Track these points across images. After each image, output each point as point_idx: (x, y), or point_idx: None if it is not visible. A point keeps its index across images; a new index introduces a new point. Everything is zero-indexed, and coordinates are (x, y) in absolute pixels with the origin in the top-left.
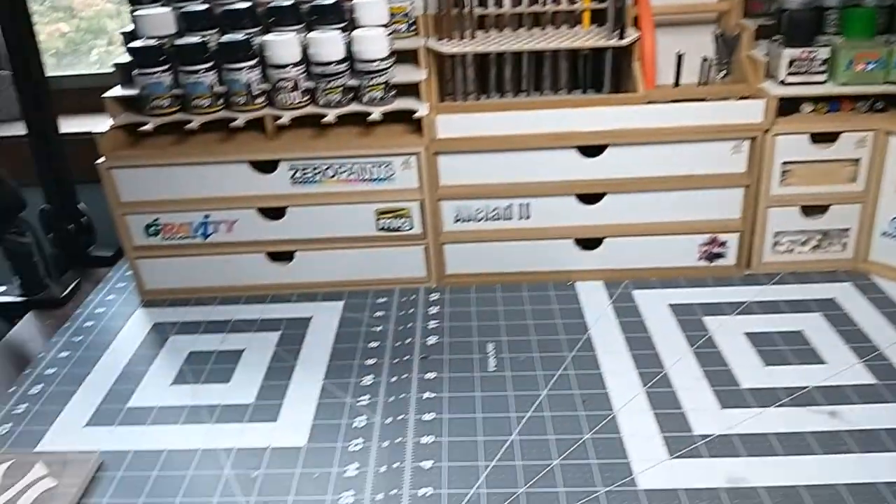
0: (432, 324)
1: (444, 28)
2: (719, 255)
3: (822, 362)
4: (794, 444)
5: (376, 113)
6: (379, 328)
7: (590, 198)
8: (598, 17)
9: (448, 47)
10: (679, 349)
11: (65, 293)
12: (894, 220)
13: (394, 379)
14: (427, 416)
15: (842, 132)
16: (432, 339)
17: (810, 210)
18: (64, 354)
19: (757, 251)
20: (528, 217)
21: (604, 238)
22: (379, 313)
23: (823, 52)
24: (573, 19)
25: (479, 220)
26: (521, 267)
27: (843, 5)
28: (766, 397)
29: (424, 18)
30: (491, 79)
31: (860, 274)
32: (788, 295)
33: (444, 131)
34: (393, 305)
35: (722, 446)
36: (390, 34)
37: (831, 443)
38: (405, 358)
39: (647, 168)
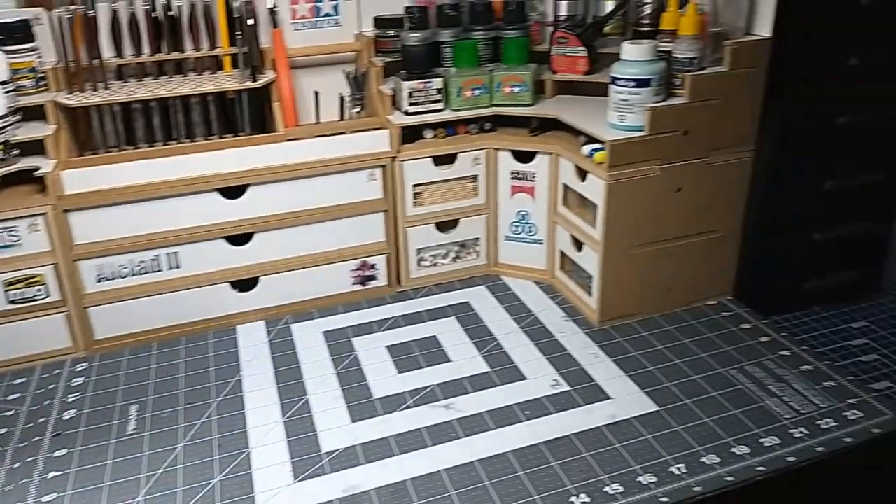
0: (73, 397)
1: (76, 81)
2: (371, 278)
3: (448, 360)
4: (410, 441)
5: None
6: (10, 412)
7: (239, 239)
8: (239, 62)
9: (74, 100)
10: (324, 374)
11: None
12: (512, 224)
13: (16, 465)
14: (47, 498)
15: (458, 153)
16: (69, 414)
17: (444, 225)
18: None
19: (404, 269)
20: (178, 266)
21: (259, 277)
22: (13, 396)
23: (437, 83)
24: (216, 65)
25: (126, 277)
26: (177, 319)
27: (454, 39)
28: (393, 403)
29: (54, 72)
30: (139, 130)
31: (493, 276)
32: (431, 305)
33: (72, 187)
34: (32, 385)
35: (345, 459)
36: (12, 91)
37: (442, 433)
38: (34, 439)
39: (292, 203)
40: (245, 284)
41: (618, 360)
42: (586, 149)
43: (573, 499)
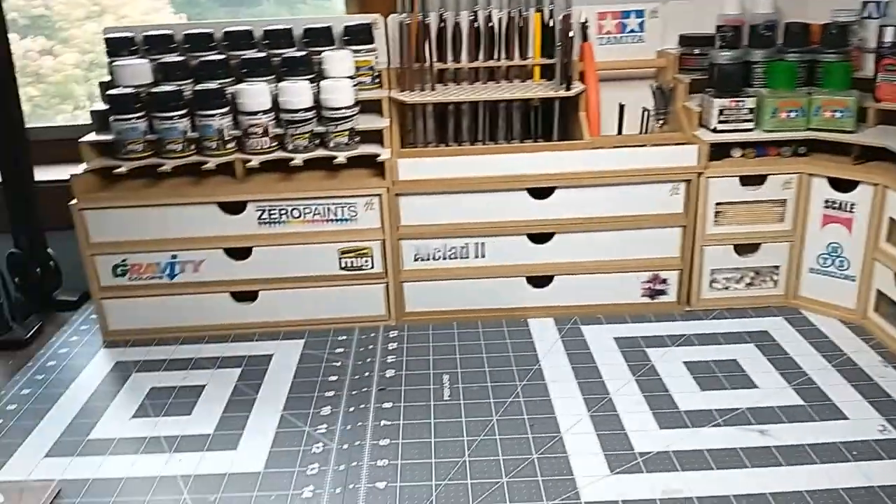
0: (390, 358)
1: (406, 81)
2: (661, 293)
3: (754, 387)
4: (727, 458)
5: (341, 157)
6: (338, 363)
7: (540, 237)
8: (547, 73)
9: (409, 97)
10: (623, 377)
11: (28, 335)
12: (820, 256)
13: (351, 409)
14: (383, 442)
15: (769, 175)
16: (390, 373)
17: (743, 248)
18: (26, 392)
19: (695, 288)
20: (483, 256)
21: (553, 276)
22: (339, 350)
23: (750, 102)
24: (525, 74)
25: (437, 259)
26: (476, 304)
27: (768, 60)
28: (701, 418)
29: (388, 72)
30: (450, 129)
31: (791, 308)
32: (724, 328)
33: (404, 174)
34: (353, 342)
35: (660, 462)
36: (355, 85)
37: (761, 457)
38: (363, 390)
39: (593, 209)
40: (540, 281)
41: None
42: None
43: None
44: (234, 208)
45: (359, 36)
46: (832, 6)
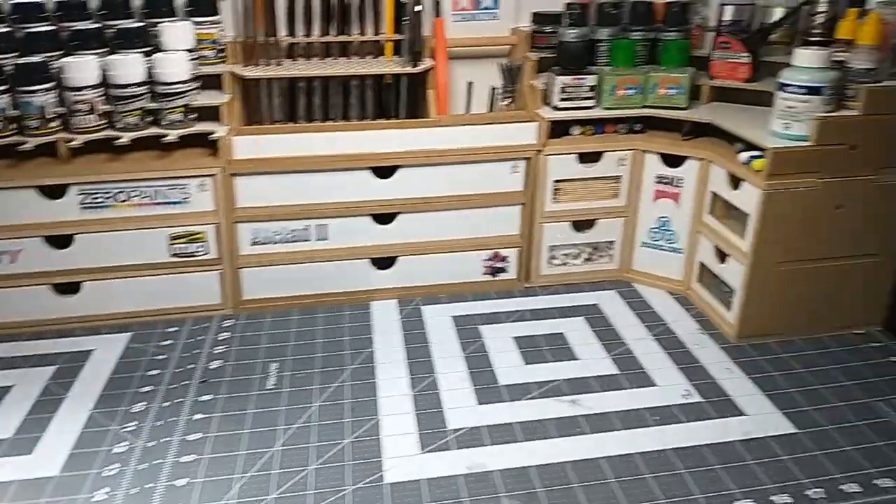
0: (219, 349)
1: (252, 55)
2: (501, 270)
3: (575, 359)
4: (535, 430)
5: (173, 135)
6: (163, 356)
7: (384, 218)
8: (400, 49)
9: (249, 72)
10: (452, 356)
11: None
12: (651, 231)
13: (166, 403)
14: (192, 436)
15: (605, 152)
16: (215, 364)
17: (580, 225)
18: None
19: (535, 265)
20: (325, 238)
21: (397, 257)
22: (166, 342)
23: (591, 79)
24: (377, 50)
25: (277, 243)
26: (318, 289)
27: (612, 38)
28: (519, 391)
29: (233, 46)
30: (300, 107)
31: (624, 282)
32: (558, 303)
33: (240, 152)
34: (183, 334)
35: (471, 438)
36: (195, 59)
37: (568, 427)
38: (183, 383)
39: (436, 188)
40: (384, 262)
41: (755, 378)
42: (744, 156)
43: None
44: (55, 192)
45: (202, 7)
46: None
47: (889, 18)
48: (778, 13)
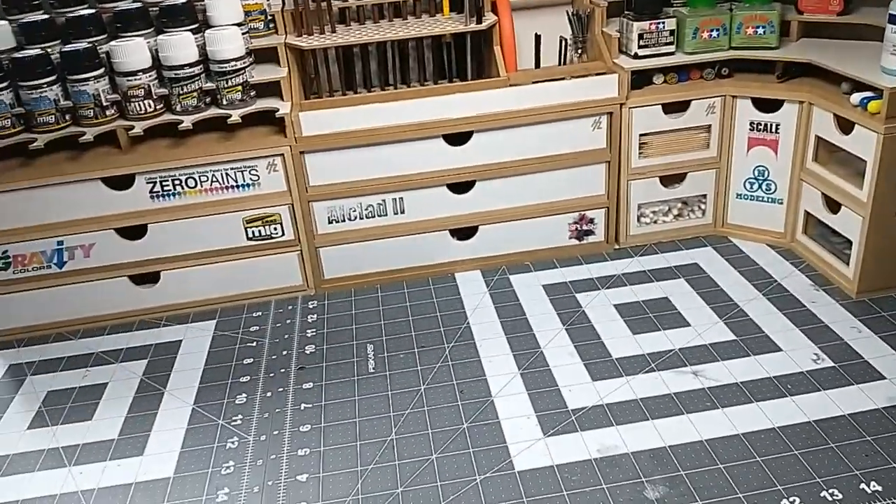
0: (310, 332)
1: (303, 24)
2: (589, 233)
3: (686, 325)
4: (661, 406)
5: (235, 115)
6: (254, 344)
7: (461, 187)
8: (457, 6)
9: (308, 42)
10: (553, 328)
11: None
12: (747, 181)
13: (269, 394)
14: (304, 428)
15: (692, 100)
16: (310, 349)
17: (669, 180)
18: None
19: (623, 226)
20: (402, 212)
21: (478, 227)
22: (254, 328)
23: (670, 23)
24: (433, 8)
25: (354, 220)
26: (399, 264)
27: None
28: (634, 365)
29: (283, 15)
30: (357, 74)
31: (720, 237)
32: (654, 264)
33: (308, 129)
34: (269, 318)
35: (594, 418)
36: (246, 33)
37: (696, 401)
38: (281, 371)
39: (513, 152)
40: (464, 233)
41: (885, 337)
42: (856, 97)
43: (863, 485)
44: (122, 183)
45: None
46: None
47: None
48: None
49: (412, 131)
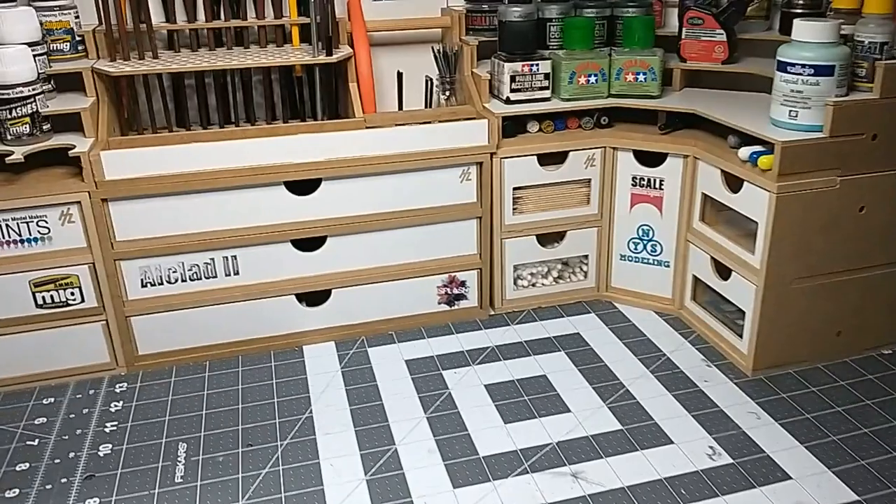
0: (110, 426)
1: (120, 47)
2: (460, 297)
3: (566, 410)
4: None
5: (18, 153)
6: (35, 442)
7: (309, 243)
8: (310, 36)
9: (118, 68)
10: (413, 416)
11: None
12: (631, 241)
13: None
14: None
15: (570, 151)
16: (105, 449)
17: (547, 239)
18: None
19: (499, 289)
20: (237, 273)
21: (331, 290)
22: (39, 420)
23: (545, 66)
24: (282, 37)
25: (175, 283)
26: (233, 336)
27: (564, 15)
28: (504, 465)
29: (94, 36)
30: (192, 109)
31: (604, 303)
32: (533, 334)
33: (112, 172)
34: (62, 407)
35: None
36: (43, 54)
37: None
38: (62, 481)
39: (371, 204)
40: (314, 298)
41: (787, 424)
42: (744, 152)
43: None
44: None
45: None
46: None
47: None
48: None
49: (247, 176)
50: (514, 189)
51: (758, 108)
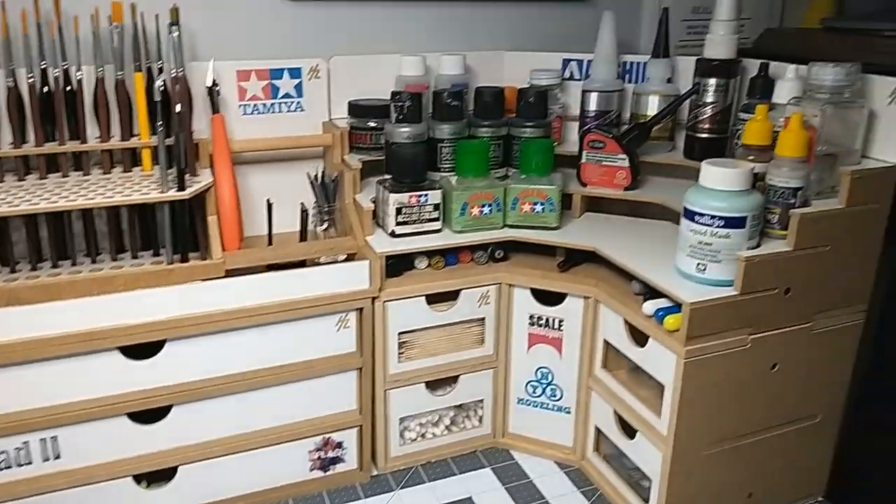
0: None
1: None
2: (336, 461)
3: None
4: None
5: None
6: None
7: (149, 415)
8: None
9: None
10: None
11: None
12: (529, 384)
13: None
14: None
15: (462, 290)
16: None
17: (438, 384)
18: None
19: (382, 445)
20: (58, 457)
21: (176, 467)
22: None
23: (435, 196)
24: (131, 160)
25: None
26: None
27: (456, 137)
28: None
29: None
30: (18, 243)
31: (501, 451)
32: (419, 499)
33: None
34: None
35: None
36: None
37: None
38: None
39: (229, 362)
40: (157, 476)
41: None
42: (649, 307)
43: None
44: None
45: None
46: (530, 65)
47: (812, 122)
48: (654, 103)
49: (73, 344)
50: (400, 334)
51: (663, 245)
